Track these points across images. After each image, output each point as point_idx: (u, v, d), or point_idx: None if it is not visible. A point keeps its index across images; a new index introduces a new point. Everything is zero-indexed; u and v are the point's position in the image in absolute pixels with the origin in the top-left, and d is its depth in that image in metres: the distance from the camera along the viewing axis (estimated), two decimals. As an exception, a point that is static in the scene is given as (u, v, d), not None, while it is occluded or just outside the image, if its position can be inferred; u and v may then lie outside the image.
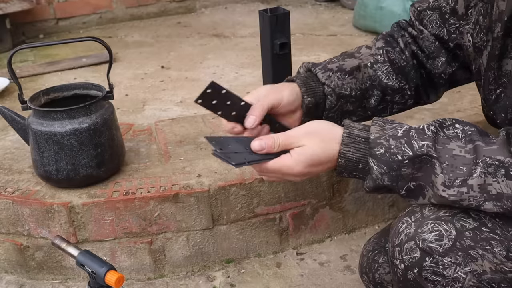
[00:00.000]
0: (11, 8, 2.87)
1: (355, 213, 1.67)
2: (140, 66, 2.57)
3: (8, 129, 1.81)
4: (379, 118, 0.91)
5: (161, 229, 1.49)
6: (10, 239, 1.51)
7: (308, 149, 0.90)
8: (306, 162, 0.90)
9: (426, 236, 0.85)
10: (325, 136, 0.90)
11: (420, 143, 0.85)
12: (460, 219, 0.86)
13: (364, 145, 0.88)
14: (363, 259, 1.19)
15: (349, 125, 0.91)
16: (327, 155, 0.90)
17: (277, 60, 1.50)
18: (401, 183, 0.87)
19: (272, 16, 1.44)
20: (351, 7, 3.27)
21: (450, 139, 0.85)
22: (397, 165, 0.86)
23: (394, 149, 0.86)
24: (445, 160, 0.84)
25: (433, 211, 0.88)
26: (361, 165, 0.90)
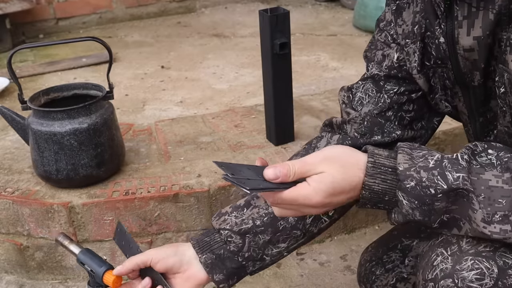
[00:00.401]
0: (11, 8, 2.87)
1: (355, 213, 1.67)
2: (140, 66, 2.57)
3: (8, 129, 1.81)
4: (406, 144, 0.83)
5: (161, 229, 1.49)
6: (10, 239, 1.51)
7: (327, 176, 0.80)
8: (327, 190, 0.80)
9: (466, 274, 0.78)
10: (345, 161, 0.82)
11: (455, 175, 0.77)
12: (503, 255, 0.80)
13: (391, 175, 0.81)
14: (361, 268, 1.18)
15: (373, 152, 0.82)
16: (349, 183, 0.81)
17: (277, 60, 1.49)
18: (434, 217, 0.80)
19: (272, 16, 1.44)
20: (351, 7, 3.27)
21: (485, 168, 0.78)
22: (430, 199, 0.78)
23: (426, 182, 0.78)
24: (481, 192, 0.77)
25: (471, 244, 0.81)
26: (388, 197, 0.82)
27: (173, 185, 1.47)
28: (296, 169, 0.81)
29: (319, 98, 1.97)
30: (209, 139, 1.70)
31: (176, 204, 1.46)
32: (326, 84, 2.22)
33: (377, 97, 1.00)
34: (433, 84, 0.97)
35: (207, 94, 2.20)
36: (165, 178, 1.50)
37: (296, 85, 2.19)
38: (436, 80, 0.96)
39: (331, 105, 1.90)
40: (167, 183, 1.48)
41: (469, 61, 0.86)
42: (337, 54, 2.57)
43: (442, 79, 0.95)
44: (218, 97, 2.16)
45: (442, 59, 0.91)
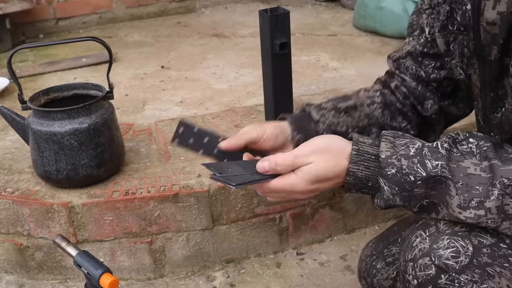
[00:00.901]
0: (11, 8, 2.87)
1: (355, 213, 1.67)
2: (140, 66, 2.57)
3: (8, 129, 1.81)
4: (389, 132, 0.88)
5: (161, 229, 1.49)
6: (10, 239, 1.51)
7: (314, 166, 0.86)
8: (312, 179, 0.86)
9: (442, 252, 0.82)
10: (333, 150, 0.87)
11: (434, 163, 0.82)
12: (477, 235, 0.84)
13: (374, 163, 0.85)
14: (362, 263, 1.19)
15: (358, 140, 0.87)
16: (334, 171, 0.86)
17: (277, 60, 1.49)
18: (413, 202, 0.85)
19: (272, 16, 1.44)
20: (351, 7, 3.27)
21: (464, 156, 0.82)
22: (410, 186, 0.83)
23: (406, 169, 0.82)
24: (459, 179, 0.81)
25: (448, 225, 0.85)
26: (371, 183, 0.87)
27: (173, 185, 1.47)
28: (286, 163, 0.86)
29: (319, 98, 1.97)
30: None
31: (176, 204, 1.46)
32: (326, 84, 2.22)
33: (417, 72, 1.10)
34: (452, 49, 0.99)
35: (207, 94, 2.20)
36: (165, 178, 1.50)
37: (296, 85, 2.19)
38: (455, 46, 0.98)
39: (331, 105, 1.90)
40: (167, 183, 1.48)
41: (490, 34, 0.87)
42: (337, 54, 2.57)
43: (461, 47, 0.97)
44: (218, 97, 2.16)
45: (466, 26, 0.93)
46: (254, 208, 1.53)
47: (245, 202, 1.51)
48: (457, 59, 1.00)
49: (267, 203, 1.53)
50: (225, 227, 1.53)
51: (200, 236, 1.52)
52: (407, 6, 2.62)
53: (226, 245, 1.55)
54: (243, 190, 1.49)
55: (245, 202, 1.51)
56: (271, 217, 1.56)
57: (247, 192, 1.50)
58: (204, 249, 1.54)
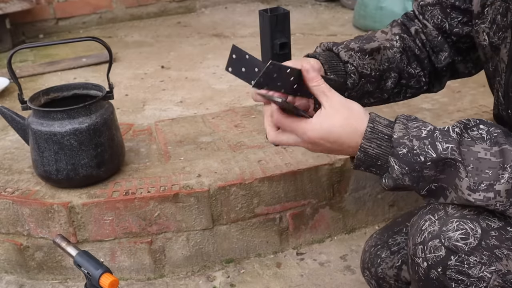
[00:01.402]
0: (11, 8, 2.87)
1: (355, 213, 1.67)
2: (140, 66, 2.57)
3: (8, 129, 1.81)
4: (403, 115, 0.89)
5: (161, 229, 1.49)
6: (10, 239, 1.51)
7: (330, 120, 0.88)
8: (322, 133, 0.88)
9: (452, 234, 0.84)
10: (352, 116, 0.88)
11: (445, 146, 0.83)
12: (486, 218, 0.85)
13: (386, 142, 0.87)
14: (365, 254, 1.19)
15: (374, 119, 0.89)
16: (346, 137, 0.88)
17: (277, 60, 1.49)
18: (422, 184, 0.86)
19: (272, 16, 1.44)
20: (351, 7, 3.27)
21: (475, 141, 0.84)
22: (420, 167, 0.84)
23: (417, 150, 0.84)
24: (470, 163, 0.82)
25: (457, 209, 0.87)
26: (380, 162, 0.88)
27: (173, 185, 1.47)
28: (321, 86, 0.89)
29: (319, 98, 1.96)
30: (209, 139, 1.70)
31: (176, 204, 1.46)
32: (326, 84, 2.22)
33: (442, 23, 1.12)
34: (486, 13, 1.00)
35: (207, 94, 2.20)
36: (165, 178, 1.50)
37: (296, 85, 2.19)
38: (490, 11, 0.99)
39: (331, 105, 1.90)
40: (167, 183, 1.48)
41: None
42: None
43: (495, 13, 0.97)
44: (218, 97, 2.16)
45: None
46: (254, 208, 1.53)
47: (245, 202, 1.51)
48: (487, 24, 1.00)
49: (267, 203, 1.53)
50: (225, 227, 1.53)
51: (200, 236, 1.52)
52: (407, 6, 2.63)
53: (226, 245, 1.55)
54: (243, 190, 1.49)
55: (245, 202, 1.51)
56: (271, 217, 1.56)
57: (247, 192, 1.50)
58: (204, 249, 1.54)
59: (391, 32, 1.17)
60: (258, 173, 1.50)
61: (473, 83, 1.99)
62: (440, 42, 1.14)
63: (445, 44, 1.14)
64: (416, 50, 1.15)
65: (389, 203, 1.70)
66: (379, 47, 1.13)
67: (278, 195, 1.53)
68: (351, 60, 1.08)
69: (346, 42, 1.14)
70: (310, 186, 1.56)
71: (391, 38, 1.15)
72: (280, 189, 1.53)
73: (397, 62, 1.13)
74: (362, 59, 1.10)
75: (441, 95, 1.93)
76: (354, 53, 1.09)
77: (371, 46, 1.12)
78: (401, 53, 1.14)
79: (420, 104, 1.86)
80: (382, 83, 1.14)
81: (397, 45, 1.14)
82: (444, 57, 1.15)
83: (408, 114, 0.90)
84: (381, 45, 1.13)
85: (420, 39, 1.15)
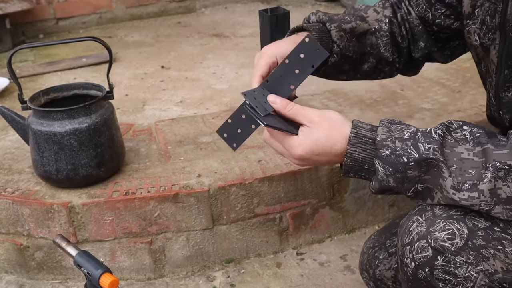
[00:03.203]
0: (11, 8, 2.87)
1: (355, 213, 1.67)
2: (140, 66, 2.57)
3: (8, 129, 1.81)
4: (387, 119, 0.91)
5: (161, 229, 1.49)
6: (10, 239, 1.51)
7: (313, 132, 0.91)
8: (308, 146, 0.91)
9: (438, 234, 0.85)
10: (334, 125, 0.91)
11: (426, 146, 0.85)
12: (472, 218, 0.86)
13: (371, 145, 0.89)
14: (364, 256, 1.19)
15: (357, 124, 0.91)
16: (331, 146, 0.90)
17: None
18: (407, 184, 0.87)
19: (272, 16, 1.44)
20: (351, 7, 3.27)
21: (458, 142, 0.85)
22: (403, 167, 0.86)
23: (400, 151, 0.86)
24: (453, 163, 0.83)
25: (444, 209, 0.87)
26: (367, 166, 0.90)
27: (173, 185, 1.47)
28: (294, 108, 0.93)
29: (319, 98, 1.97)
30: (209, 139, 1.70)
31: (176, 204, 1.46)
32: (326, 84, 2.21)
33: (426, 13, 1.16)
34: (476, 14, 1.01)
35: (207, 94, 2.20)
36: (165, 178, 1.50)
37: (296, 85, 2.19)
38: (480, 12, 1.00)
39: (331, 105, 1.90)
40: (167, 183, 1.48)
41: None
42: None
43: (485, 14, 0.98)
44: (218, 97, 2.16)
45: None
46: (254, 208, 1.53)
47: (245, 202, 1.51)
48: (478, 25, 1.01)
49: (267, 203, 1.53)
50: (225, 227, 1.53)
51: (200, 236, 1.52)
52: (407, 6, 2.62)
53: (226, 245, 1.55)
54: (243, 190, 1.49)
55: (245, 202, 1.51)
56: (271, 217, 1.56)
57: (247, 192, 1.50)
58: (204, 249, 1.54)
59: (383, 13, 1.19)
60: (258, 173, 1.51)
61: (473, 83, 1.99)
62: (420, 31, 1.17)
63: (424, 34, 1.17)
64: (399, 38, 1.18)
65: (389, 203, 1.70)
66: (366, 31, 1.16)
67: (278, 195, 1.53)
68: (339, 41, 1.11)
69: (340, 18, 1.16)
70: (310, 186, 1.56)
71: (381, 20, 1.17)
72: (280, 189, 1.53)
73: (379, 48, 1.17)
74: (350, 41, 1.13)
75: (441, 95, 1.93)
76: (345, 34, 1.12)
77: (361, 29, 1.15)
78: (387, 37, 1.16)
79: (420, 104, 1.86)
80: (359, 64, 1.18)
81: (385, 28, 1.17)
82: (421, 47, 1.19)
83: (392, 118, 0.92)
84: (369, 29, 1.16)
85: (404, 26, 1.18)
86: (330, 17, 1.15)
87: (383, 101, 1.89)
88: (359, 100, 1.93)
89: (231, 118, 0.98)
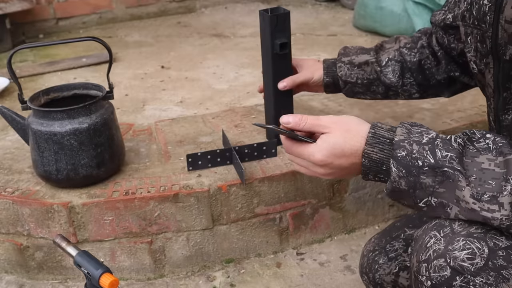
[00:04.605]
0: (11, 8, 2.87)
1: (355, 213, 1.67)
2: (140, 66, 2.57)
3: (8, 129, 1.81)
4: (408, 122, 0.90)
5: (161, 229, 1.49)
6: (10, 239, 1.51)
7: (332, 136, 0.90)
8: (328, 149, 0.90)
9: (458, 254, 0.81)
10: (351, 128, 0.91)
11: (444, 153, 0.83)
12: (493, 237, 0.83)
13: (388, 146, 0.87)
14: (364, 259, 1.19)
15: (376, 125, 0.90)
16: (350, 147, 0.90)
17: (277, 60, 1.49)
18: (419, 192, 0.85)
19: (272, 16, 1.44)
20: (351, 7, 3.27)
21: (480, 152, 0.83)
22: (416, 171, 0.84)
23: (416, 154, 0.84)
24: (473, 173, 0.81)
25: (463, 226, 0.84)
26: (385, 167, 0.88)
27: (173, 185, 1.47)
28: (308, 121, 0.93)
29: (319, 98, 1.97)
30: (209, 139, 1.70)
31: (176, 204, 1.46)
32: (326, 84, 2.22)
33: (442, 38, 1.29)
34: (469, 42, 1.01)
35: (207, 94, 2.20)
36: (165, 178, 1.50)
37: (296, 85, 2.19)
38: (472, 40, 1.00)
39: (331, 105, 1.90)
40: (167, 183, 1.48)
41: (507, 33, 0.88)
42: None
43: (476, 41, 0.98)
44: (218, 97, 2.16)
45: (480, 21, 0.94)
46: (254, 208, 1.53)
47: (245, 202, 1.51)
48: (472, 53, 1.01)
49: (267, 203, 1.53)
50: (225, 227, 1.53)
51: (200, 236, 1.52)
52: (407, 6, 2.62)
53: (226, 245, 1.55)
54: (243, 190, 1.49)
55: (245, 202, 1.51)
56: (271, 217, 1.56)
57: (247, 192, 1.50)
58: (204, 249, 1.54)
59: (403, 42, 1.38)
60: (258, 173, 1.51)
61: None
62: (441, 57, 1.30)
63: (444, 59, 1.30)
64: (409, 64, 1.35)
65: (389, 203, 1.70)
66: (368, 61, 1.40)
67: (278, 195, 1.53)
68: (338, 70, 1.44)
69: (351, 52, 1.45)
70: (310, 186, 1.56)
71: (397, 49, 1.39)
72: (280, 189, 1.53)
73: (384, 78, 1.38)
74: (351, 69, 1.42)
75: (441, 95, 1.93)
76: (344, 65, 1.43)
77: (360, 60, 1.41)
78: (394, 66, 1.37)
79: (420, 104, 1.86)
80: (373, 87, 1.41)
81: (397, 56, 1.37)
82: (441, 71, 1.32)
83: (414, 121, 0.91)
84: (370, 60, 1.40)
85: (422, 53, 1.34)
86: (343, 53, 1.46)
87: (383, 101, 1.89)
88: (359, 100, 1.93)
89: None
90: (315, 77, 1.46)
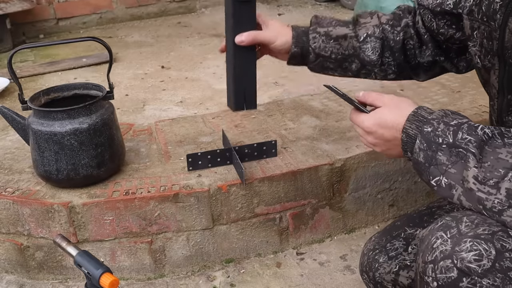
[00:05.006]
0: (12, 8, 2.87)
1: (355, 213, 1.67)
2: (140, 66, 2.58)
3: (8, 129, 1.81)
4: (452, 110, 0.94)
5: (161, 229, 1.49)
6: (10, 239, 1.51)
7: (382, 109, 0.99)
8: (375, 119, 0.98)
9: (465, 255, 0.81)
10: (401, 106, 0.97)
11: (464, 136, 0.86)
12: (500, 238, 0.82)
13: (422, 123, 0.92)
14: (364, 258, 1.19)
15: (421, 106, 0.95)
16: (393, 121, 0.96)
17: (238, 8, 1.28)
18: (433, 168, 0.88)
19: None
20: (351, 7, 3.28)
21: (505, 145, 0.84)
22: (436, 147, 0.88)
23: (439, 132, 0.89)
24: (488, 160, 0.84)
25: (470, 227, 0.84)
26: None
27: (173, 185, 1.47)
28: (372, 95, 1.02)
29: (319, 98, 1.97)
30: (209, 139, 1.70)
31: (176, 204, 1.46)
32: (326, 84, 2.22)
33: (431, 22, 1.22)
34: (475, 36, 1.03)
35: (207, 94, 2.20)
36: (165, 178, 1.51)
37: (296, 85, 2.20)
38: (478, 34, 1.01)
39: (331, 105, 1.90)
40: (167, 183, 1.48)
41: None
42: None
43: (482, 37, 1.00)
44: (218, 97, 2.16)
45: (488, 17, 0.95)
46: (254, 208, 1.53)
47: (245, 202, 1.51)
48: (477, 48, 1.01)
49: (267, 203, 1.53)
50: (225, 227, 1.53)
51: (200, 236, 1.52)
52: (407, 6, 2.62)
53: (226, 245, 1.55)
54: (243, 190, 1.49)
55: (245, 202, 1.51)
56: (271, 217, 1.56)
57: (247, 192, 1.50)
58: (204, 249, 1.54)
59: (384, 19, 1.28)
60: (258, 173, 1.51)
61: (473, 83, 1.99)
62: (427, 39, 1.23)
63: (430, 42, 1.22)
64: (391, 42, 1.26)
65: (389, 203, 1.70)
66: (346, 35, 1.27)
67: (278, 195, 1.53)
68: (311, 42, 1.28)
69: (326, 22, 1.30)
70: (310, 186, 1.56)
71: (377, 25, 1.28)
72: (280, 189, 1.53)
73: (363, 53, 1.27)
74: (326, 42, 1.28)
75: (441, 95, 1.93)
76: (319, 36, 1.28)
77: (338, 32, 1.28)
78: (373, 43, 1.27)
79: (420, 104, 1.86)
80: (345, 64, 1.30)
81: (378, 33, 1.27)
82: (427, 54, 1.25)
83: (459, 111, 0.95)
84: (349, 34, 1.28)
85: (406, 32, 1.25)
86: (317, 22, 1.30)
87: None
88: (359, 100, 1.94)
89: None
90: (277, 42, 1.27)
